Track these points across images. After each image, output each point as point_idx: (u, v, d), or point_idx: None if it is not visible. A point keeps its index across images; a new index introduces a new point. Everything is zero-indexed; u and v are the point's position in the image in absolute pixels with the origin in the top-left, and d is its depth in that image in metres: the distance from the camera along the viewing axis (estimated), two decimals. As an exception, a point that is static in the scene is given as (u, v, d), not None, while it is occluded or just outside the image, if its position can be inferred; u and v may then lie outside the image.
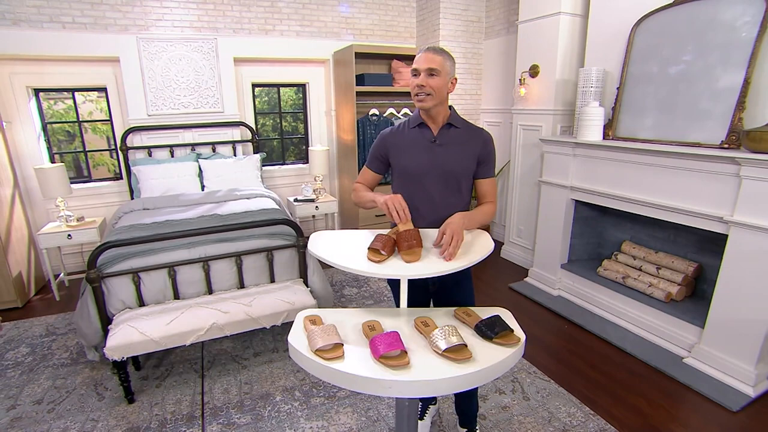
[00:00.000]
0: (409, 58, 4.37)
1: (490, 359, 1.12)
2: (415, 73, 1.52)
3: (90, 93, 4.10)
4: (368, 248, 1.39)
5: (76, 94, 3.82)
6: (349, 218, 4.44)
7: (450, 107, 1.64)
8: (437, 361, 1.11)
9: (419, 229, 1.45)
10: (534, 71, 3.47)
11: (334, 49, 4.29)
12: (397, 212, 1.45)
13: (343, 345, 1.16)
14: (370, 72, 4.21)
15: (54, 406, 2.18)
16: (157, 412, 2.13)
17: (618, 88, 2.83)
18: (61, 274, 3.57)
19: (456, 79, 1.59)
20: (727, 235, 2.23)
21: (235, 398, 2.22)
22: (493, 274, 3.80)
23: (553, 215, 3.28)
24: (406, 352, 1.12)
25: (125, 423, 2.06)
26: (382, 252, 1.36)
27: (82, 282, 2.42)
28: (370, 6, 4.42)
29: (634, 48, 2.75)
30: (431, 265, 1.32)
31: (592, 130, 2.85)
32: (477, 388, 1.85)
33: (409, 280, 1.37)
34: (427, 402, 2.01)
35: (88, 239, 3.34)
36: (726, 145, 2.27)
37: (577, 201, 3.15)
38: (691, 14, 2.47)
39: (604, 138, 2.88)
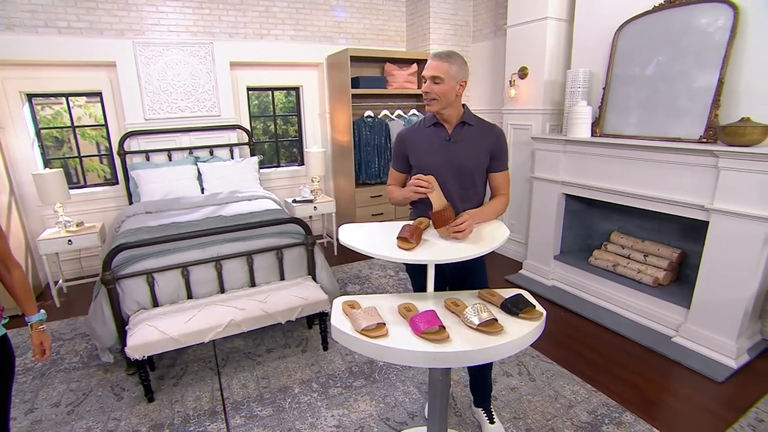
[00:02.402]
0: (401, 62, 4.50)
1: (519, 331, 1.25)
2: (424, 79, 1.65)
3: (78, 98, 4.07)
4: (397, 237, 1.49)
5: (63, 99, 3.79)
6: (345, 218, 4.53)
7: (464, 105, 1.76)
8: (473, 334, 1.23)
9: (450, 206, 1.56)
10: (523, 73, 3.66)
11: (328, 52, 4.38)
12: (422, 187, 1.56)
13: (385, 324, 1.26)
14: (363, 75, 4.32)
15: (73, 407, 2.19)
16: (179, 409, 2.17)
17: (604, 89, 3.03)
18: (60, 281, 3.54)
19: (465, 81, 1.69)
20: (708, 222, 2.43)
21: (254, 392, 2.29)
22: (489, 267, 3.93)
23: (546, 209, 3.46)
24: (444, 328, 1.23)
25: (148, 420, 2.09)
26: (411, 240, 1.47)
27: (95, 285, 2.44)
28: (361, 11, 4.54)
29: (618, 51, 2.95)
30: (458, 251, 1.44)
31: (581, 127, 3.04)
32: (491, 369, 1.98)
33: (424, 267, 1.50)
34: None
35: (88, 244, 3.33)
36: (704, 140, 2.47)
37: (567, 195, 3.33)
38: (668, 20, 2.68)
39: (592, 135, 3.07)
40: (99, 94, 3.79)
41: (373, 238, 1.56)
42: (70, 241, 3.25)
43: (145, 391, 2.22)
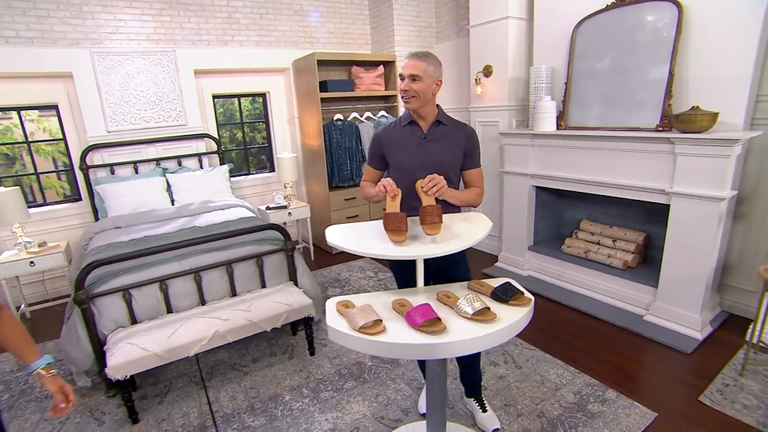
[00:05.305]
0: (368, 64, 4.53)
1: (511, 318, 1.29)
2: (402, 77, 1.70)
3: (31, 112, 3.86)
4: (387, 230, 1.50)
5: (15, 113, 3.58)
6: (321, 222, 4.51)
7: (437, 106, 1.81)
8: (468, 324, 1.27)
9: (439, 205, 1.57)
10: (488, 71, 3.77)
11: (294, 57, 4.35)
12: (386, 188, 1.57)
13: (382, 321, 1.28)
14: (330, 78, 4.32)
15: (50, 437, 2.08)
16: (167, 428, 2.10)
17: (566, 83, 3.17)
18: (22, 306, 3.34)
19: (441, 80, 1.76)
20: (669, 205, 2.59)
21: (244, 403, 2.25)
22: (466, 263, 4.03)
23: (517, 202, 3.58)
24: (440, 320, 1.26)
25: (134, 442, 2.02)
26: (403, 228, 1.48)
27: (67, 306, 2.33)
28: (325, 15, 4.54)
29: (577, 47, 3.10)
30: (446, 244, 1.47)
31: (546, 121, 3.17)
32: (480, 359, 2.03)
33: (409, 262, 1.55)
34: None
35: (53, 265, 3.16)
36: (660, 128, 2.64)
37: (537, 187, 3.46)
38: (621, 17, 2.84)
39: (557, 128, 3.20)
40: (55, 107, 3.61)
41: (360, 238, 1.57)
42: (32, 262, 3.08)
43: (129, 413, 2.14)
